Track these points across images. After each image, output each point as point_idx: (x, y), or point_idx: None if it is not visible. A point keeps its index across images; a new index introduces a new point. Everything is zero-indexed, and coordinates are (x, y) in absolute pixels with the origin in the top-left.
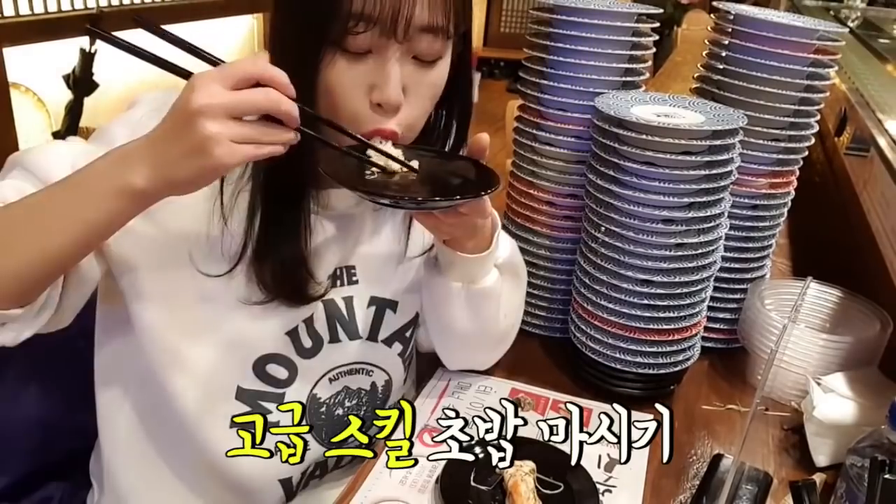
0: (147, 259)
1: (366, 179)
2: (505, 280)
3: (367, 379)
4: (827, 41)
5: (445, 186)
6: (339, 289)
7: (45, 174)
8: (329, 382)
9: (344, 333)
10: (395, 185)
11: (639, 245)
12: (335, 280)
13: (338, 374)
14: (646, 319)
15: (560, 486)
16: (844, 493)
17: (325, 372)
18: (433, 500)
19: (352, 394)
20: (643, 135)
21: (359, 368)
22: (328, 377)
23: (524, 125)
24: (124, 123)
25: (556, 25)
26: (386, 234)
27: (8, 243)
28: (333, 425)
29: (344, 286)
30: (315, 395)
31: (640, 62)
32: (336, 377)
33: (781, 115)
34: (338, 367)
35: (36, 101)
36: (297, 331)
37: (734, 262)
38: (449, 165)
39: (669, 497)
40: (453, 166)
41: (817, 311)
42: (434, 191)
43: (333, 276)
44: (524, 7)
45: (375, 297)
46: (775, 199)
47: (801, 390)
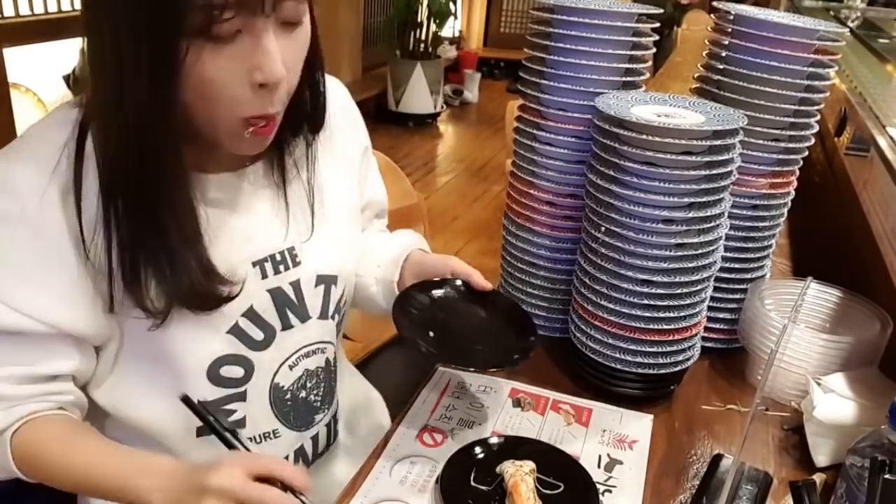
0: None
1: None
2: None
3: (322, 357)
4: (827, 41)
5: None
6: (285, 274)
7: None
8: (289, 370)
9: (296, 318)
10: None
11: (639, 245)
12: (277, 266)
13: (296, 359)
14: (646, 319)
15: (560, 486)
16: (844, 493)
17: (284, 360)
18: (433, 500)
19: (311, 374)
20: (643, 135)
21: (314, 350)
22: (287, 364)
23: (524, 125)
24: (28, 160)
25: (556, 25)
26: (298, 204)
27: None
28: (299, 409)
29: (289, 270)
30: (277, 384)
31: (640, 62)
32: (295, 363)
33: (781, 115)
34: (295, 352)
35: (36, 101)
36: (238, 326)
37: (734, 262)
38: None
39: (669, 497)
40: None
41: (817, 311)
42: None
43: (274, 261)
44: (524, 7)
45: (322, 275)
46: (775, 199)
47: (801, 390)
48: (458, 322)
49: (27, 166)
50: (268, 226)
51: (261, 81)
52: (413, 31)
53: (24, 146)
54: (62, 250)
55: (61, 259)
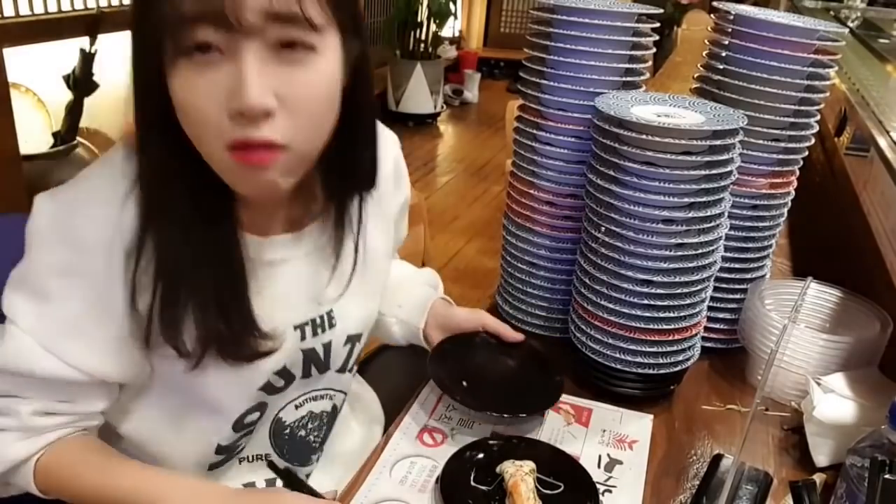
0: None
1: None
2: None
3: (329, 402)
4: (827, 41)
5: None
6: (321, 336)
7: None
8: (294, 409)
9: (316, 370)
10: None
11: (639, 245)
12: (316, 329)
13: (303, 400)
14: (646, 319)
15: (560, 486)
16: (844, 493)
17: (292, 400)
18: (433, 500)
19: (315, 417)
20: (643, 135)
21: (323, 394)
22: (294, 404)
23: (524, 125)
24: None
25: (556, 25)
26: (342, 265)
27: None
28: (295, 446)
29: (325, 332)
30: (280, 418)
31: (640, 62)
32: (301, 403)
33: (781, 115)
34: (303, 394)
35: (36, 101)
36: (269, 383)
37: (734, 262)
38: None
39: (669, 497)
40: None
41: (817, 311)
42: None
43: (314, 324)
44: (524, 7)
45: (351, 335)
46: (775, 199)
47: (801, 390)
48: (490, 372)
49: (94, 220)
50: (313, 288)
51: (236, 109)
52: (413, 31)
53: (88, 195)
54: (114, 304)
55: (113, 313)
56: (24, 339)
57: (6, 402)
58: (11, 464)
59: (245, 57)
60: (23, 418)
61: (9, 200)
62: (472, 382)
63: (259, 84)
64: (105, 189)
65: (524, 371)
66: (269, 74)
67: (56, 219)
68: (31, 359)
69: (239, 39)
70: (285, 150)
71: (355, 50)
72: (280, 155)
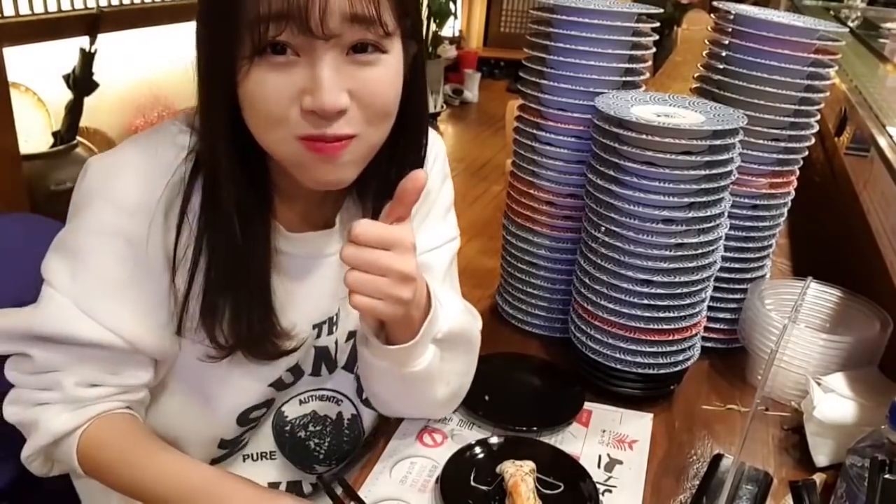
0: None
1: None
2: (445, 354)
3: (335, 408)
4: (827, 41)
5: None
6: (334, 333)
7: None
8: (299, 404)
9: (326, 369)
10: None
11: (639, 245)
12: (331, 327)
13: (308, 396)
14: (646, 319)
15: (560, 486)
16: (844, 493)
17: (297, 394)
18: (433, 500)
19: (318, 419)
20: (643, 135)
21: (330, 396)
22: (299, 398)
23: (524, 125)
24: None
25: (556, 25)
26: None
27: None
28: (296, 446)
29: (337, 330)
30: (282, 412)
31: (640, 62)
32: (307, 399)
33: (781, 115)
34: (309, 391)
35: (36, 101)
36: (280, 379)
37: (734, 262)
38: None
39: (669, 497)
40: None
41: (817, 311)
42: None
43: (330, 322)
44: (524, 7)
45: (352, 331)
46: (775, 199)
47: (801, 390)
48: (511, 388)
49: (137, 184)
50: (334, 286)
51: (310, 108)
52: None
53: (133, 158)
54: (153, 270)
55: (151, 278)
56: (61, 300)
57: (49, 377)
58: (55, 436)
59: (323, 59)
60: (66, 390)
61: (9, 200)
62: (494, 398)
63: (334, 86)
64: (156, 157)
65: (544, 386)
66: (343, 74)
67: (103, 179)
68: (69, 320)
69: (317, 43)
70: (356, 139)
71: (413, 49)
72: (351, 143)
